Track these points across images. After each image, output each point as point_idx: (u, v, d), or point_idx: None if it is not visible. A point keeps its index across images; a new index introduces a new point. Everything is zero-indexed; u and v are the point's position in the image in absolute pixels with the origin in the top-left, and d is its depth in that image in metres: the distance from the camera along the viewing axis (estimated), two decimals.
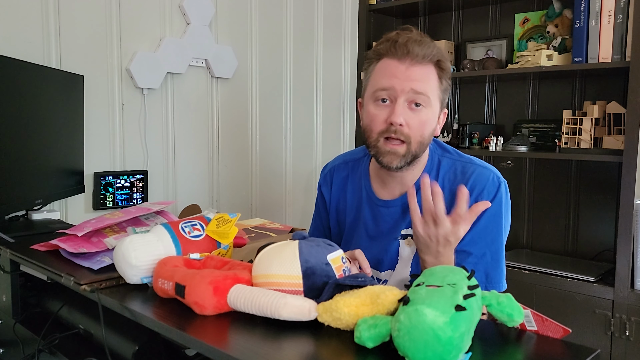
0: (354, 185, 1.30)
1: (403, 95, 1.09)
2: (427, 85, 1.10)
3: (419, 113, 1.10)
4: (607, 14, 1.98)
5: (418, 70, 1.09)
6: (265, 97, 2.36)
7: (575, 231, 2.33)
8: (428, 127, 1.12)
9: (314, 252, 0.84)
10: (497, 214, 1.14)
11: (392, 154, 1.11)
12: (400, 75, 1.08)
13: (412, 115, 1.10)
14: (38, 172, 1.53)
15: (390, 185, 1.22)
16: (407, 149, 1.11)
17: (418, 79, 1.08)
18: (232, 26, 2.20)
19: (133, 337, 0.97)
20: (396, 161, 1.12)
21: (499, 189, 1.14)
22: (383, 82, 1.10)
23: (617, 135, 2.05)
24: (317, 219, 1.41)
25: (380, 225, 1.23)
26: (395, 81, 1.09)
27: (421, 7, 2.61)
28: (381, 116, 1.11)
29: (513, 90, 2.49)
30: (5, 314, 1.27)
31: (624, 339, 1.90)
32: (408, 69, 1.08)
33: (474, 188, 1.13)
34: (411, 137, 1.10)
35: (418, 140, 1.11)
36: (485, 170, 1.16)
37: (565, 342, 0.73)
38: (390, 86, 1.09)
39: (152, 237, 0.94)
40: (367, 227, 1.25)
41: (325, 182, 1.36)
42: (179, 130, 2.05)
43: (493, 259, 1.14)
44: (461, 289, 0.71)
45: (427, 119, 1.11)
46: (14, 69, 1.41)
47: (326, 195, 1.36)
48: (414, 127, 1.10)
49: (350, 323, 0.74)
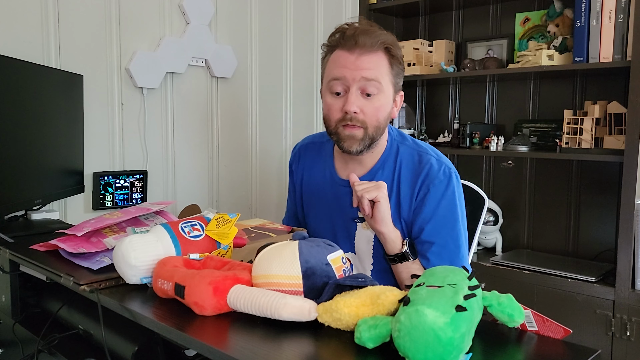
0: (320, 165, 1.37)
1: (355, 84, 1.15)
2: (377, 72, 1.16)
3: (372, 100, 1.17)
4: (608, 14, 1.98)
5: (367, 58, 1.15)
6: (265, 97, 2.35)
7: (576, 231, 2.32)
8: (382, 112, 1.19)
9: (314, 253, 0.84)
10: (452, 203, 1.21)
11: (351, 138, 1.18)
12: (350, 65, 1.15)
13: (365, 103, 1.17)
14: (37, 172, 1.53)
15: (351, 167, 1.28)
16: (364, 133, 1.18)
17: (368, 67, 1.15)
18: (232, 26, 2.20)
19: (133, 337, 0.97)
20: (355, 145, 1.18)
21: (450, 179, 1.21)
22: (335, 73, 1.18)
23: (618, 135, 2.05)
24: (291, 198, 1.47)
25: (341, 204, 1.29)
26: (346, 71, 1.15)
27: (421, 6, 2.60)
28: (337, 105, 1.19)
29: (514, 90, 2.49)
30: (5, 314, 1.27)
31: (625, 339, 1.90)
32: (358, 58, 1.15)
33: (426, 177, 1.21)
34: (367, 122, 1.17)
35: (374, 125, 1.18)
36: (438, 161, 1.23)
37: (566, 343, 0.73)
38: (342, 76, 1.16)
39: (151, 238, 0.94)
40: (329, 206, 1.32)
41: (295, 159, 1.44)
42: (178, 130, 2.05)
43: (455, 246, 1.21)
44: (462, 290, 0.71)
45: (381, 105, 1.18)
46: (13, 69, 1.40)
47: (295, 172, 1.43)
48: (369, 114, 1.17)
49: (350, 323, 0.74)
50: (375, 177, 1.25)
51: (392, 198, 1.23)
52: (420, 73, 2.45)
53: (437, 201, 1.20)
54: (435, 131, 2.72)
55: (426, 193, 1.20)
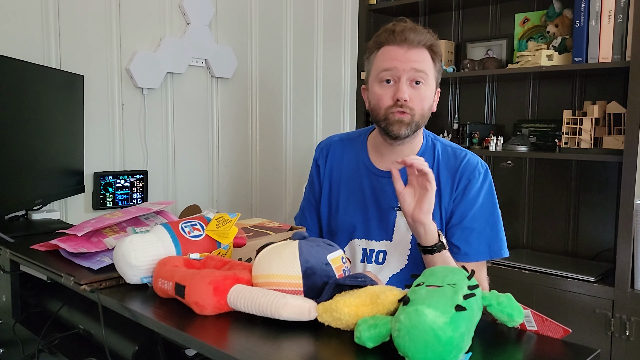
0: (351, 160, 1.43)
1: (405, 75, 1.24)
2: (424, 64, 1.26)
3: (419, 90, 1.27)
4: (607, 14, 1.98)
5: (415, 52, 1.25)
6: (265, 97, 2.35)
7: (575, 231, 2.33)
8: (427, 101, 1.29)
9: (314, 252, 0.84)
10: (490, 192, 1.33)
11: (400, 122, 1.26)
12: (400, 57, 1.25)
13: (414, 92, 1.26)
14: (38, 172, 1.53)
15: (389, 158, 1.35)
16: (411, 118, 1.26)
17: (416, 60, 1.25)
18: (232, 26, 2.20)
19: (133, 337, 0.97)
20: (404, 129, 1.26)
21: (487, 173, 1.33)
22: (386, 64, 1.26)
23: (617, 135, 2.05)
24: (310, 191, 1.51)
25: (378, 195, 1.36)
26: (397, 63, 1.24)
27: (421, 6, 2.60)
28: (387, 94, 1.26)
29: (513, 90, 2.49)
30: (5, 314, 1.27)
31: (624, 339, 1.90)
32: (407, 52, 1.25)
33: (465, 171, 1.31)
34: (415, 109, 1.26)
35: (420, 112, 1.27)
36: (473, 156, 1.34)
37: (565, 342, 0.73)
38: (393, 67, 1.25)
39: (152, 237, 0.94)
40: (365, 198, 1.37)
41: (321, 155, 1.48)
42: (178, 130, 2.05)
43: (493, 231, 1.31)
44: (461, 289, 0.71)
45: (426, 95, 1.28)
46: (14, 69, 1.40)
47: (322, 167, 1.47)
48: (416, 102, 1.26)
49: (350, 323, 0.74)
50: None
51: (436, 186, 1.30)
52: None
53: (477, 191, 1.30)
54: (435, 131, 2.69)
55: (467, 184, 1.30)
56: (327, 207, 1.46)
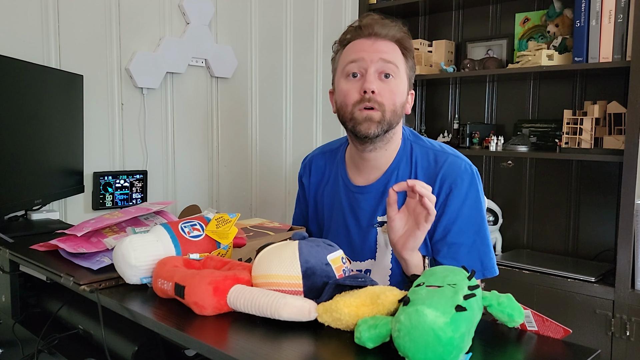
0: (332, 174, 1.33)
1: (373, 65, 1.14)
2: (394, 56, 1.16)
3: (389, 83, 1.15)
4: (608, 14, 1.98)
5: (384, 43, 1.16)
6: (265, 97, 2.35)
7: (576, 231, 2.33)
8: (399, 96, 1.16)
9: (314, 253, 0.84)
10: (477, 201, 1.17)
11: (368, 120, 1.14)
12: (368, 48, 1.15)
13: (383, 85, 1.15)
14: (37, 172, 1.53)
15: (365, 171, 1.24)
16: (381, 115, 1.14)
17: (385, 50, 1.15)
18: (232, 26, 2.20)
19: (133, 337, 0.97)
20: (373, 127, 1.14)
21: (472, 177, 1.17)
22: (353, 56, 1.16)
23: (617, 135, 2.05)
24: (298, 209, 1.45)
25: (356, 212, 1.25)
26: (364, 53, 1.15)
27: (421, 6, 2.60)
28: (354, 88, 1.15)
29: (513, 90, 2.49)
30: (5, 314, 1.27)
31: (625, 339, 1.90)
32: (375, 42, 1.16)
33: (446, 177, 1.16)
34: (384, 104, 1.14)
35: (391, 108, 1.15)
36: (457, 159, 1.19)
37: (566, 343, 0.73)
38: (360, 57, 1.15)
39: (151, 238, 0.94)
40: (344, 216, 1.27)
41: (305, 172, 1.41)
42: (178, 130, 2.05)
43: (483, 245, 1.17)
44: (461, 289, 0.71)
45: (398, 89, 1.16)
46: (13, 69, 1.40)
47: (306, 184, 1.40)
48: (386, 96, 1.14)
49: (350, 323, 0.74)
50: (390, 180, 1.21)
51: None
52: (420, 73, 2.46)
53: (462, 201, 1.15)
54: (435, 131, 2.73)
55: (448, 193, 1.15)
56: (315, 225, 1.39)
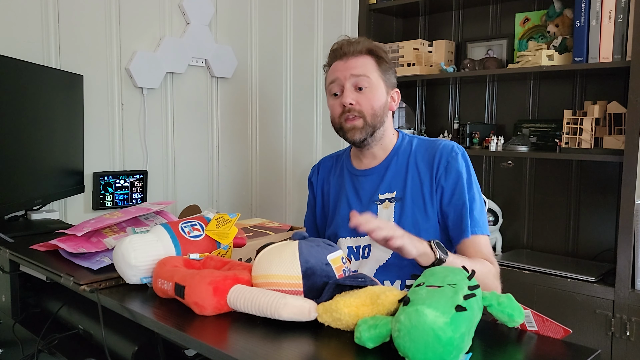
0: (338, 167, 1.51)
1: (347, 82, 1.34)
2: (364, 69, 1.34)
3: (365, 92, 1.34)
4: (608, 14, 1.97)
5: (354, 60, 1.35)
6: (265, 97, 2.35)
7: (576, 231, 2.32)
8: (376, 102, 1.34)
9: (314, 253, 0.84)
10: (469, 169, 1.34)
11: (353, 129, 1.34)
12: (341, 68, 1.35)
13: (359, 95, 1.34)
14: (37, 172, 1.53)
15: (366, 160, 1.43)
16: (364, 122, 1.34)
17: (355, 66, 1.34)
18: (232, 26, 2.20)
19: (133, 337, 0.97)
20: (358, 133, 1.34)
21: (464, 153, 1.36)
22: (331, 77, 1.38)
23: (617, 135, 2.05)
24: (309, 211, 1.59)
25: (359, 193, 1.42)
26: (339, 73, 1.35)
27: (421, 6, 2.60)
28: (337, 104, 1.36)
29: (513, 90, 2.49)
30: (5, 314, 1.27)
31: (625, 339, 1.90)
32: (346, 62, 1.35)
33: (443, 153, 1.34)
34: (364, 111, 1.33)
35: (371, 113, 1.34)
36: (449, 142, 1.38)
37: (566, 343, 0.73)
38: (336, 77, 1.35)
39: (151, 237, 0.94)
40: (348, 197, 1.43)
41: (314, 172, 1.58)
42: (178, 130, 2.05)
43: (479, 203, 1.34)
44: (461, 290, 0.71)
45: (373, 96, 1.34)
46: (13, 69, 1.40)
47: (314, 182, 1.56)
48: (364, 104, 1.33)
49: (350, 323, 0.74)
50: (391, 163, 1.39)
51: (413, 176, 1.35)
52: (420, 73, 2.45)
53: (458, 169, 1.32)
54: (435, 131, 2.72)
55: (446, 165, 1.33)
56: (322, 218, 1.53)
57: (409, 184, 1.35)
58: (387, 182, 1.37)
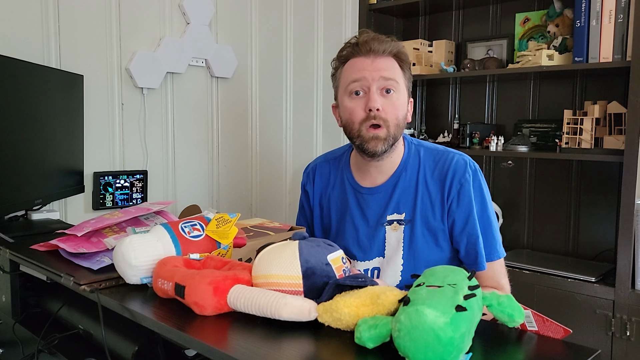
0: (337, 180, 1.39)
1: (375, 84, 1.21)
2: (393, 72, 1.23)
3: (391, 98, 1.22)
4: (608, 14, 1.98)
5: (382, 61, 1.22)
6: (265, 97, 2.35)
7: (576, 231, 2.33)
8: (401, 110, 1.24)
9: (314, 253, 0.84)
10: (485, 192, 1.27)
11: (375, 139, 1.21)
12: (368, 67, 1.21)
13: (385, 101, 1.22)
14: (37, 172, 1.53)
15: (371, 175, 1.31)
16: (387, 132, 1.21)
17: (384, 68, 1.21)
18: (232, 26, 2.20)
19: (133, 337, 0.97)
20: (380, 145, 1.21)
21: (476, 172, 1.27)
22: (354, 76, 1.22)
23: (617, 135, 2.05)
24: (301, 217, 1.49)
25: (366, 213, 1.31)
26: (366, 72, 1.21)
27: (421, 6, 2.60)
28: (359, 106, 1.22)
29: (514, 90, 2.49)
30: (5, 314, 1.27)
31: (625, 339, 1.90)
32: (374, 61, 1.21)
33: (455, 175, 1.24)
34: (388, 120, 1.21)
35: (395, 123, 1.22)
36: (461, 157, 1.27)
37: (566, 343, 0.73)
38: (362, 77, 1.21)
39: (151, 237, 0.94)
40: (353, 217, 1.33)
41: (309, 180, 1.45)
42: (178, 130, 2.05)
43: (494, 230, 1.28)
44: (462, 290, 0.71)
45: (399, 103, 1.23)
46: (13, 69, 1.40)
47: (310, 192, 1.44)
48: (390, 111, 1.21)
49: (350, 323, 0.74)
50: (399, 180, 1.28)
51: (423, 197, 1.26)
52: (420, 73, 2.45)
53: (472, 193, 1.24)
54: (435, 131, 2.72)
55: (459, 188, 1.23)
56: (320, 231, 1.43)
57: (419, 206, 1.25)
58: (395, 202, 1.27)
